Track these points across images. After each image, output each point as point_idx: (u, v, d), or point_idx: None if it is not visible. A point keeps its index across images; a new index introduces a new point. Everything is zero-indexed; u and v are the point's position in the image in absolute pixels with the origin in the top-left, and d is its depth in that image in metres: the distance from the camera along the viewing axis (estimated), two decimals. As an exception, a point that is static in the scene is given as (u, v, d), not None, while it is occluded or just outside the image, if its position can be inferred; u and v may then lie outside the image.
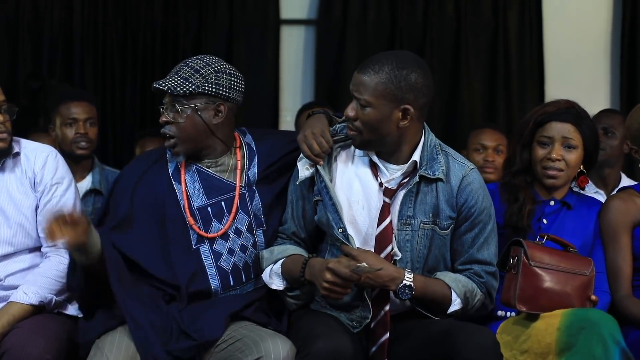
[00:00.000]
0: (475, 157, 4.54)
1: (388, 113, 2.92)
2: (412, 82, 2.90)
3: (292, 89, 5.82)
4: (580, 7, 5.85)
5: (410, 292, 2.89)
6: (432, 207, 2.98)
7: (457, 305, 2.97)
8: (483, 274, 3.02)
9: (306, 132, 3.03)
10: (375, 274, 2.85)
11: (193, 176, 3.09)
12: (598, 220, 3.25)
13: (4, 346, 2.87)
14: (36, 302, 3.03)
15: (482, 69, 5.77)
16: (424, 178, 2.97)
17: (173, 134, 3.05)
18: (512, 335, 2.94)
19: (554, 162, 3.19)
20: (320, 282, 2.81)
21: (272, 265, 3.02)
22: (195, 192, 3.07)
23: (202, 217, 3.05)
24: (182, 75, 3.04)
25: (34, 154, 3.24)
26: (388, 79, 2.89)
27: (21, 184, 3.20)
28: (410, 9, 5.74)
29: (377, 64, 2.91)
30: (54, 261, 3.12)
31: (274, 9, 5.74)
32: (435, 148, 3.01)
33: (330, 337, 2.77)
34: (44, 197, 3.20)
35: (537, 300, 2.91)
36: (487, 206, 3.03)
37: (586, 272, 2.98)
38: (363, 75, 2.92)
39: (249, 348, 2.80)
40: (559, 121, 3.20)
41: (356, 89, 2.93)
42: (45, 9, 5.58)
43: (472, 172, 3.03)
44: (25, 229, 3.17)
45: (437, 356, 2.84)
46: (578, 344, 2.76)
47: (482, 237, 3.02)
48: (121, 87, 5.66)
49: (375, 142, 2.97)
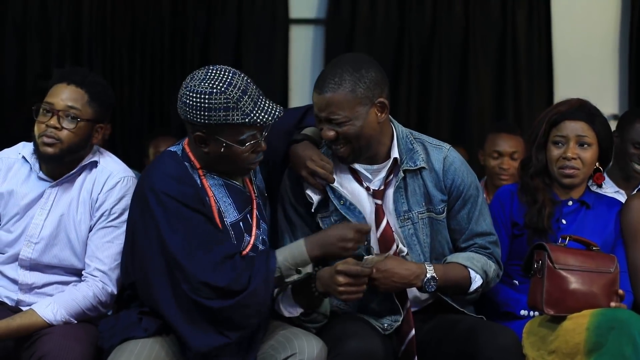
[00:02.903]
0: (492, 163, 4.57)
1: (366, 116, 2.91)
2: (373, 77, 2.91)
3: (301, 89, 5.82)
4: (589, 6, 5.86)
5: (435, 284, 2.92)
6: (424, 196, 3.01)
7: (478, 281, 3.00)
8: (487, 244, 3.07)
9: (307, 164, 2.97)
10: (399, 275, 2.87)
11: (221, 190, 2.95)
12: (619, 220, 3.26)
13: (40, 351, 2.84)
14: (55, 322, 2.97)
15: (491, 68, 5.78)
16: (407, 171, 2.99)
17: None
18: (539, 336, 2.94)
19: (569, 161, 3.19)
20: (335, 287, 2.80)
21: (283, 293, 2.96)
22: (227, 208, 2.93)
23: (236, 233, 2.92)
24: None
25: (108, 173, 3.14)
26: (354, 85, 2.88)
27: (84, 201, 3.12)
28: (418, 9, 5.75)
29: (334, 77, 2.88)
30: (88, 290, 3.04)
31: (282, 9, 5.74)
32: (408, 138, 3.04)
33: (362, 337, 2.78)
34: (99, 222, 3.10)
35: (565, 302, 2.92)
36: (473, 180, 3.08)
37: (611, 269, 2.99)
38: (326, 93, 2.87)
39: (282, 345, 2.80)
40: (572, 120, 3.21)
41: (327, 111, 2.88)
42: (54, 8, 5.57)
43: (450, 151, 3.07)
44: (73, 246, 3.11)
45: (461, 355, 2.86)
46: (607, 344, 2.77)
47: (477, 210, 3.06)
48: (129, 86, 5.66)
49: (364, 148, 2.95)
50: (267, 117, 2.80)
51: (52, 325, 2.96)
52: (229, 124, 2.79)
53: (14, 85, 5.51)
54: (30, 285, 3.10)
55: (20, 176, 3.16)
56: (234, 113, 2.78)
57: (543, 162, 3.25)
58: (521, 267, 3.07)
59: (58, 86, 3.10)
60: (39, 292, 3.10)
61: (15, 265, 3.10)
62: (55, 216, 3.11)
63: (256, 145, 2.84)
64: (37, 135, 3.09)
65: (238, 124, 2.79)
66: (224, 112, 2.77)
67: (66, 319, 2.99)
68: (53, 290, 3.08)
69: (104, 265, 3.07)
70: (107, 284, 3.06)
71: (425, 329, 2.99)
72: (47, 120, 3.07)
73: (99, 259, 3.07)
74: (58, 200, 3.13)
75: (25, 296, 3.11)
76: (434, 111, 5.67)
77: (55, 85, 3.11)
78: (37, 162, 3.15)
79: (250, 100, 2.79)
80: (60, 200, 3.13)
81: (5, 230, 3.13)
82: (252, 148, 2.84)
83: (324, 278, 2.85)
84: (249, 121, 2.79)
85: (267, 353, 2.83)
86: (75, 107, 3.08)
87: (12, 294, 3.12)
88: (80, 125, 3.09)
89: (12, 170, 3.17)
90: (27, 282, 3.10)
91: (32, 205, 3.12)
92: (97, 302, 3.04)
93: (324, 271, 2.87)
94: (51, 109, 3.06)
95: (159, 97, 5.63)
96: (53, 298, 3.01)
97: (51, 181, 3.14)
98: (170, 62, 5.61)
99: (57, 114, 3.06)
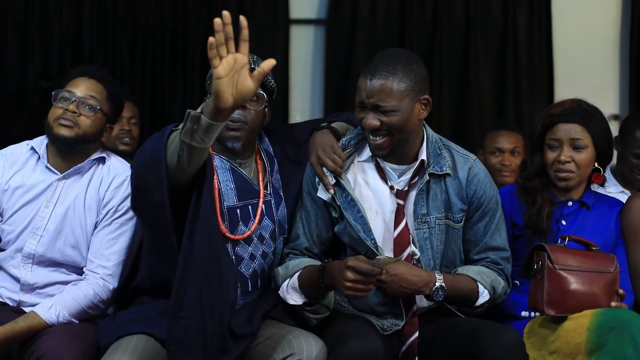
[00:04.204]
0: (492, 160, 4.55)
1: (411, 109, 2.94)
2: (422, 73, 2.96)
3: (302, 89, 5.81)
4: (590, 6, 5.85)
5: (443, 293, 2.91)
6: (444, 203, 3.01)
7: (485, 296, 3.00)
8: (500, 260, 3.06)
9: (318, 153, 3.02)
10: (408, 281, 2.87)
11: (226, 174, 3.03)
12: (619, 220, 3.26)
13: (40, 351, 2.85)
14: (57, 323, 2.99)
15: (492, 68, 5.76)
16: (432, 175, 3.00)
17: (245, 119, 2.99)
18: (540, 336, 2.94)
19: (563, 165, 3.20)
20: (342, 282, 2.79)
21: (289, 280, 2.98)
22: (227, 191, 3.00)
23: (230, 218, 2.99)
24: None
25: (115, 172, 3.19)
26: (405, 76, 2.90)
27: (91, 197, 3.16)
28: (419, 9, 5.74)
29: (387, 66, 2.90)
30: (89, 288, 3.06)
31: (283, 9, 5.72)
32: (437, 144, 3.05)
33: (363, 337, 2.78)
34: (105, 219, 3.14)
35: (565, 303, 2.92)
36: (494, 194, 3.08)
37: (610, 269, 3.00)
38: (378, 80, 2.89)
39: (281, 345, 2.80)
40: (565, 122, 3.21)
41: (376, 98, 2.89)
42: (55, 9, 5.56)
43: (476, 162, 3.08)
44: (78, 244, 3.14)
45: (464, 354, 2.86)
46: (608, 344, 2.77)
47: (494, 224, 3.06)
48: (131, 87, 5.64)
49: (402, 142, 2.97)
50: None
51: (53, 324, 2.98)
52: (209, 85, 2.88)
53: (15, 85, 5.50)
54: (32, 285, 3.11)
55: (27, 167, 3.18)
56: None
57: (540, 164, 3.26)
58: (521, 268, 3.07)
59: (79, 79, 3.19)
60: (41, 293, 3.11)
61: (18, 262, 3.11)
62: (62, 209, 3.13)
63: None
64: (53, 118, 3.14)
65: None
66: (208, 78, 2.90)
67: (68, 319, 3.00)
68: (55, 290, 3.10)
69: (108, 262, 3.09)
70: (109, 281, 3.08)
71: (427, 330, 3.00)
72: (65, 105, 3.14)
73: (103, 255, 3.10)
74: (65, 193, 3.15)
75: (26, 296, 3.12)
76: (434, 111, 5.63)
77: (75, 78, 3.20)
78: (46, 152, 3.18)
79: None
80: (67, 193, 3.15)
81: (9, 224, 3.14)
82: None
83: (332, 271, 2.85)
84: None
85: (265, 353, 2.83)
86: (95, 97, 3.16)
87: (13, 295, 3.13)
88: (97, 116, 3.17)
89: (17, 164, 3.19)
90: (29, 282, 3.11)
91: (38, 197, 3.14)
92: (98, 300, 3.05)
93: (332, 264, 2.88)
94: (71, 96, 3.14)
95: (160, 97, 5.62)
96: (54, 299, 3.02)
97: (59, 174, 3.16)
98: (171, 62, 5.60)
99: (78, 100, 3.13)
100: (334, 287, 2.89)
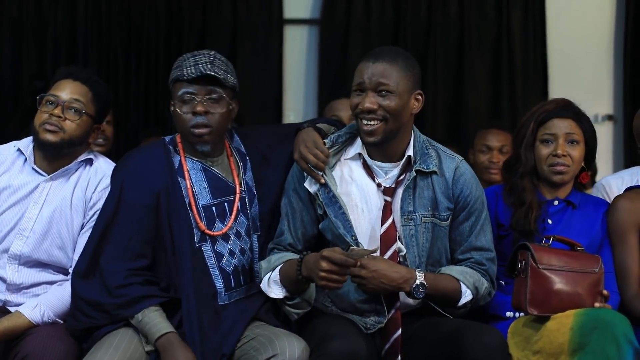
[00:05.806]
0: (481, 158, 4.56)
1: (408, 99, 2.98)
2: (418, 71, 3.03)
3: (296, 89, 5.82)
4: (584, 6, 5.85)
5: (424, 291, 2.91)
6: (430, 200, 3.02)
7: (468, 296, 3.00)
8: (484, 261, 3.07)
9: (300, 149, 3.05)
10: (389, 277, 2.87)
11: (198, 174, 3.05)
12: (605, 220, 3.26)
13: (24, 351, 2.86)
14: (41, 322, 2.99)
15: (486, 68, 5.77)
16: (419, 172, 3.01)
17: (210, 123, 2.99)
18: (524, 336, 2.94)
19: (560, 158, 3.20)
20: (317, 272, 2.80)
21: (270, 273, 3.00)
22: (201, 190, 3.03)
23: (207, 215, 3.02)
24: (221, 67, 2.98)
25: (103, 174, 3.18)
26: (405, 67, 2.97)
27: (78, 198, 3.16)
28: (413, 9, 5.74)
29: (389, 54, 2.98)
30: None
31: (277, 9, 5.74)
32: (424, 143, 3.07)
33: (346, 337, 2.78)
34: (91, 220, 3.12)
35: (549, 302, 2.92)
36: (480, 194, 3.10)
37: (595, 269, 2.99)
38: (382, 63, 2.94)
39: (264, 346, 2.82)
40: (560, 118, 3.23)
41: (378, 77, 2.94)
42: (49, 9, 5.57)
43: (462, 163, 3.11)
44: (64, 245, 3.14)
45: (447, 355, 2.86)
46: (591, 343, 2.76)
47: (479, 224, 3.07)
48: (125, 87, 5.65)
49: (393, 133, 2.99)
50: (190, 70, 2.92)
51: (38, 325, 2.98)
52: (173, 81, 2.98)
53: (10, 85, 5.52)
54: (19, 285, 3.12)
55: (14, 168, 3.18)
56: (174, 71, 2.99)
57: (532, 161, 3.25)
58: (505, 267, 3.07)
59: (64, 81, 3.18)
60: (27, 293, 3.11)
61: (5, 262, 3.11)
62: (49, 210, 3.13)
63: (193, 105, 2.94)
64: (39, 123, 3.13)
65: (174, 80, 2.97)
66: (172, 72, 3.00)
67: (53, 319, 3.01)
68: (41, 290, 3.10)
69: None
70: None
71: (411, 329, 2.99)
72: (50, 110, 3.12)
73: None
74: (52, 195, 3.15)
75: (12, 296, 3.12)
76: (429, 111, 5.65)
77: (60, 80, 3.18)
78: (32, 154, 3.17)
79: (190, 59, 2.97)
80: (54, 195, 3.15)
81: None
82: (191, 108, 2.94)
83: (308, 262, 2.86)
84: (177, 76, 2.95)
85: (248, 354, 2.85)
86: (80, 100, 3.15)
87: (-1, 295, 3.14)
88: (83, 119, 3.15)
89: (4, 165, 3.18)
90: (15, 282, 3.11)
91: (25, 198, 3.14)
92: None
93: (310, 256, 2.89)
94: (56, 100, 3.13)
95: (154, 97, 5.63)
96: (39, 299, 3.02)
97: (45, 175, 3.16)
98: (166, 62, 5.60)
99: (63, 104, 3.12)
100: (311, 279, 2.89)
